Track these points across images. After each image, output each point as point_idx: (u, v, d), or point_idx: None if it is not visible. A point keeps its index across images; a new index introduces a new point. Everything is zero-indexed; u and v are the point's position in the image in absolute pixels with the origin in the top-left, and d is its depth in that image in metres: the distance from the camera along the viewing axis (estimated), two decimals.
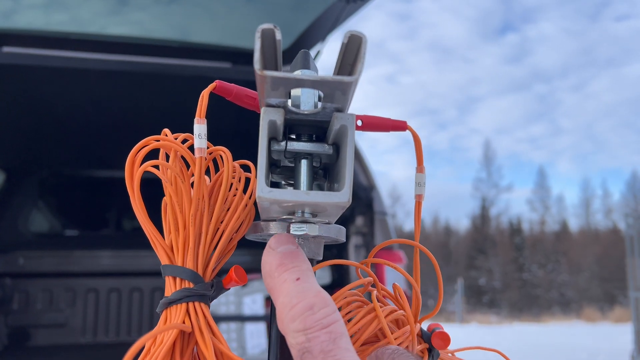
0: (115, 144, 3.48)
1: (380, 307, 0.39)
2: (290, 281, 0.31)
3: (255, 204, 0.38)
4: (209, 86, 0.37)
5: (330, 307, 0.29)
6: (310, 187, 0.36)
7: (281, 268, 0.32)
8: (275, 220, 0.37)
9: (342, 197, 0.32)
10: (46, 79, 2.56)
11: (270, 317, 0.39)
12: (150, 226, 0.36)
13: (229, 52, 2.44)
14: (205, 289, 0.35)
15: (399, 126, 0.44)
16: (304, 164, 0.36)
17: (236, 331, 2.36)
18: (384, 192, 2.36)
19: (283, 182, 0.41)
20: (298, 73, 0.35)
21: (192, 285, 0.35)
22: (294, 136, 0.37)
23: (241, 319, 2.37)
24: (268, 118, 0.32)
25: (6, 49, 2.30)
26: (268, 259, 0.33)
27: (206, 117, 0.37)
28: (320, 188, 0.41)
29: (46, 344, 3.27)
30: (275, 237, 0.34)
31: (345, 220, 2.30)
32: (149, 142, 0.36)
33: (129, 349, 0.29)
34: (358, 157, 2.36)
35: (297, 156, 0.36)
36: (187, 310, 0.34)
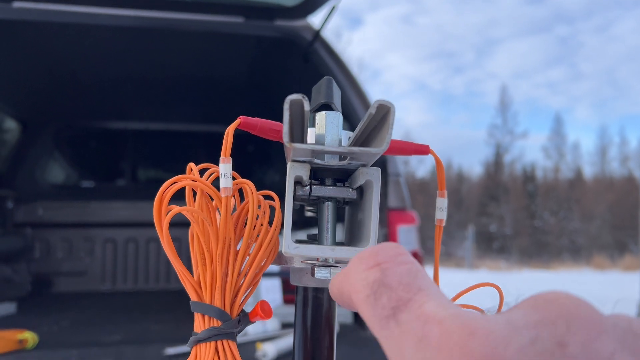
0: (128, 96, 3.47)
1: None
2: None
3: (280, 234, 0.39)
4: (234, 123, 0.37)
5: (403, 249, 0.24)
6: (334, 239, 0.36)
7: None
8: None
9: None
10: (57, 34, 2.54)
11: (294, 324, 0.40)
12: (180, 265, 0.37)
13: (241, 6, 2.39)
14: (232, 327, 0.36)
15: (421, 150, 0.44)
16: (328, 208, 0.36)
17: None
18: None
19: (305, 208, 0.42)
20: (323, 136, 0.34)
21: (219, 324, 0.36)
22: (317, 180, 0.37)
23: None
24: (294, 174, 0.32)
25: (16, 4, 2.27)
26: None
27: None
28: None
29: (67, 290, 3.40)
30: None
31: None
32: (178, 180, 0.36)
33: None
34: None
35: (320, 199, 0.36)
36: (216, 349, 0.35)
